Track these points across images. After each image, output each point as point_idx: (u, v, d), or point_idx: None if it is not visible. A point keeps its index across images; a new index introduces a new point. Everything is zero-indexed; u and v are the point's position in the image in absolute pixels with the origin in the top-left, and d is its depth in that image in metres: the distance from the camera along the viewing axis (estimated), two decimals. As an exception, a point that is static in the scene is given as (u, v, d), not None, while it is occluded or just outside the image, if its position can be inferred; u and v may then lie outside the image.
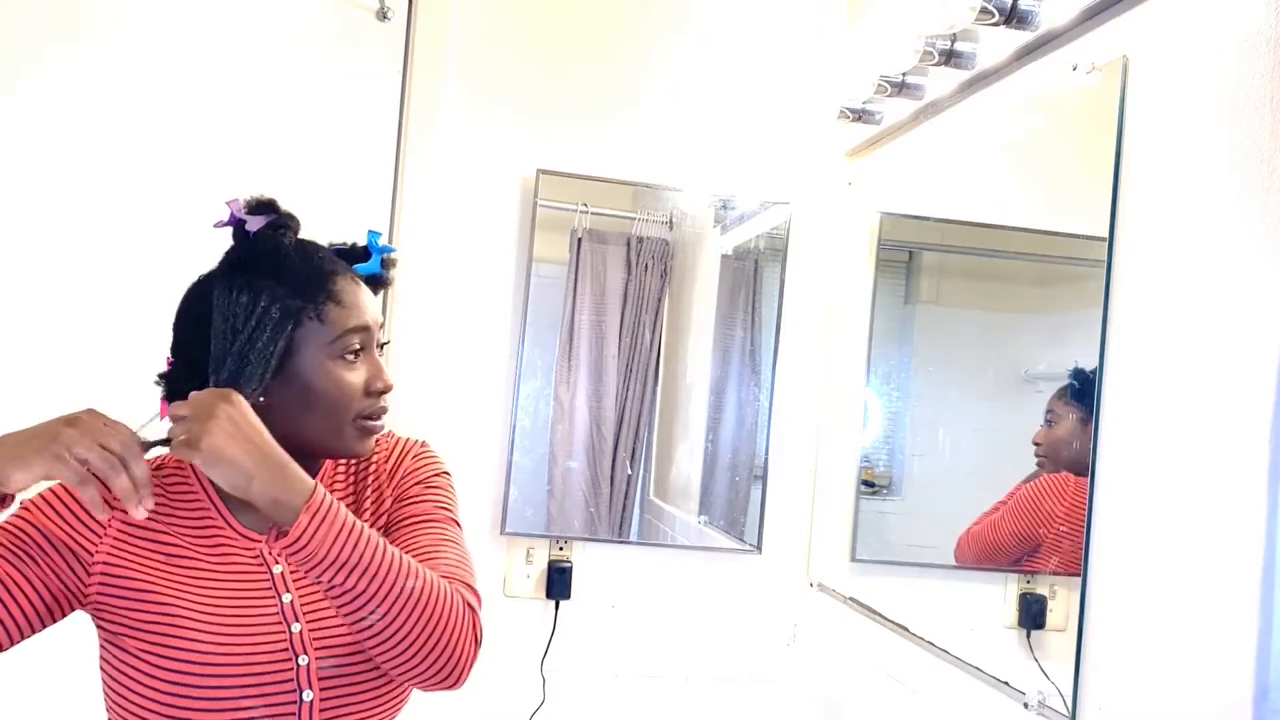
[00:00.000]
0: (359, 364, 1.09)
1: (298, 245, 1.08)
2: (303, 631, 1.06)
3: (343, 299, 1.07)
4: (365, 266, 1.14)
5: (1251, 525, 1.10)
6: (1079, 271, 1.54)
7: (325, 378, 1.06)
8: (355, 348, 1.08)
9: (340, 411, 1.08)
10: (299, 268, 1.06)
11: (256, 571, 1.08)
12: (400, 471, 1.19)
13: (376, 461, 1.19)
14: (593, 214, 2.27)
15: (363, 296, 1.10)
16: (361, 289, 1.11)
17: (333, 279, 1.08)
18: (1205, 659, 1.17)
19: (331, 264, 1.09)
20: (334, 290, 1.07)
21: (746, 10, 2.30)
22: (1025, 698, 1.48)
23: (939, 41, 1.78)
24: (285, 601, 1.07)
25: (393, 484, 1.18)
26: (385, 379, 1.10)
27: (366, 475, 1.19)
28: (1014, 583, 1.61)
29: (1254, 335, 1.14)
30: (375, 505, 1.17)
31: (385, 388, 1.10)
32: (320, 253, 1.10)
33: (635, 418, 2.29)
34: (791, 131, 2.31)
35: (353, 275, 1.11)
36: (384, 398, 1.11)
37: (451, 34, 2.18)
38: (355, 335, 1.08)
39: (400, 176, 2.14)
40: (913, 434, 2.06)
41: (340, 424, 1.08)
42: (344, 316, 1.07)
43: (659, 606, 2.26)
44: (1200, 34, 1.27)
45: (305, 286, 1.05)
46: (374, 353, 1.11)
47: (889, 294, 2.13)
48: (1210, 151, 1.24)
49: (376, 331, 1.11)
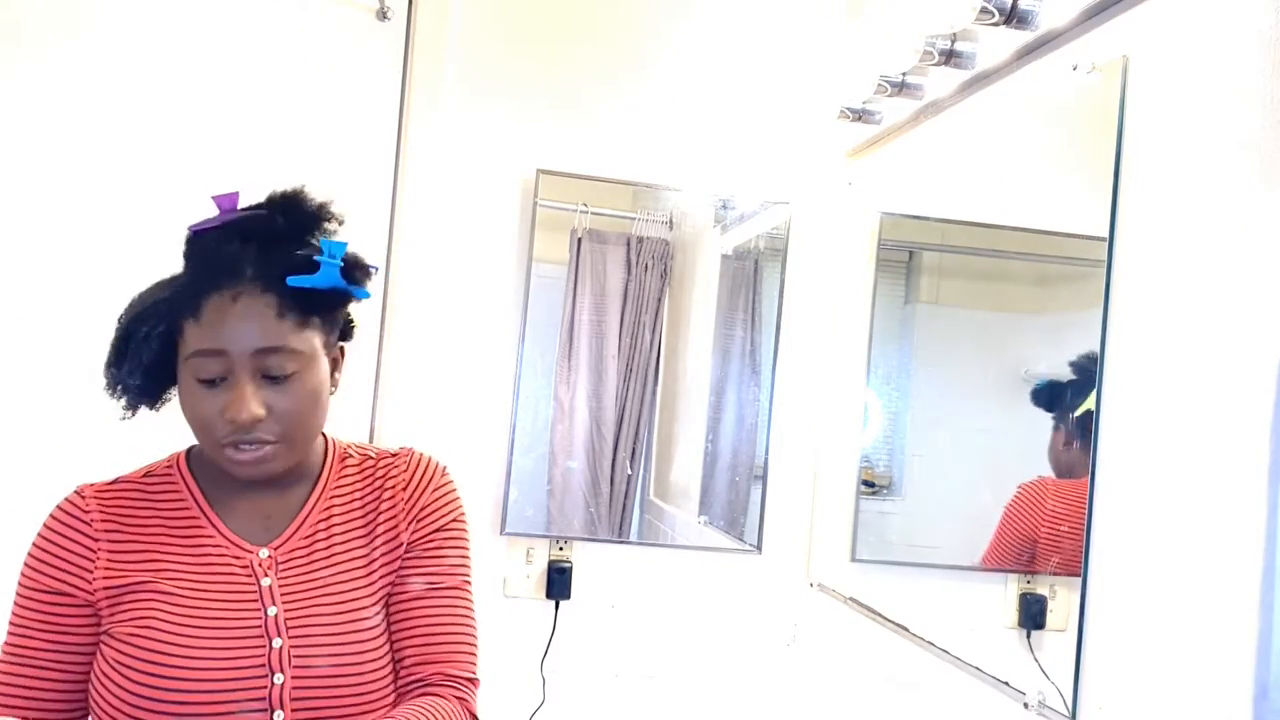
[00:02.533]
0: (221, 389, 1.00)
1: (210, 247, 1.01)
2: (284, 648, 1.02)
3: (203, 318, 0.99)
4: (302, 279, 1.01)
5: (1251, 525, 1.10)
6: (1079, 271, 1.54)
7: (185, 394, 1.03)
8: (207, 374, 1.00)
9: (202, 433, 1.03)
10: (186, 275, 1.02)
11: (244, 583, 1.05)
12: (421, 502, 1.14)
13: (397, 474, 1.15)
14: (593, 214, 2.27)
15: (235, 320, 0.99)
16: (239, 312, 0.99)
17: (206, 293, 0.99)
18: (1205, 659, 1.17)
19: (221, 276, 0.99)
20: (200, 306, 0.99)
21: (746, 10, 2.30)
22: (1025, 698, 1.48)
23: (939, 41, 1.78)
24: (270, 615, 1.04)
25: (411, 512, 1.13)
26: (238, 412, 0.99)
27: (384, 483, 1.15)
28: (1014, 583, 1.61)
29: (1254, 335, 1.14)
30: (390, 522, 1.13)
31: (235, 420, 0.99)
32: (220, 263, 1.00)
33: (635, 418, 2.29)
34: (791, 131, 2.31)
35: (244, 293, 0.99)
36: (256, 430, 1.01)
37: (451, 34, 2.18)
38: (204, 359, 0.99)
39: (400, 177, 2.14)
40: (913, 434, 2.06)
41: (208, 446, 1.04)
42: (196, 336, 0.99)
43: (659, 606, 2.26)
44: (1200, 34, 1.27)
45: (179, 295, 1.01)
46: (240, 382, 0.99)
47: (889, 294, 2.13)
48: (1210, 151, 1.24)
49: (250, 361, 0.99)
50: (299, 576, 1.07)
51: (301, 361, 1.02)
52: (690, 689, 2.26)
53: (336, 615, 1.06)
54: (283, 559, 1.08)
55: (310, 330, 1.04)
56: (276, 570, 1.07)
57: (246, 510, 1.09)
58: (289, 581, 1.07)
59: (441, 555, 1.13)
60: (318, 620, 1.05)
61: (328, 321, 1.07)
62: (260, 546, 1.08)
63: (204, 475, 1.10)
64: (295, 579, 1.07)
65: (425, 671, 1.09)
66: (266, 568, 1.07)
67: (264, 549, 1.08)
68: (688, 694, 2.26)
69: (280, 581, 1.06)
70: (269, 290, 1.00)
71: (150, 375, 1.02)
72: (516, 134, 2.21)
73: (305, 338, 1.03)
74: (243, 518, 1.09)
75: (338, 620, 1.06)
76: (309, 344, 1.03)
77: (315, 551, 1.09)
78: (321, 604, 1.06)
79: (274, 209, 1.04)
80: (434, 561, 1.13)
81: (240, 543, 1.08)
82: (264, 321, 1.00)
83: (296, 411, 1.03)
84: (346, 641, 1.05)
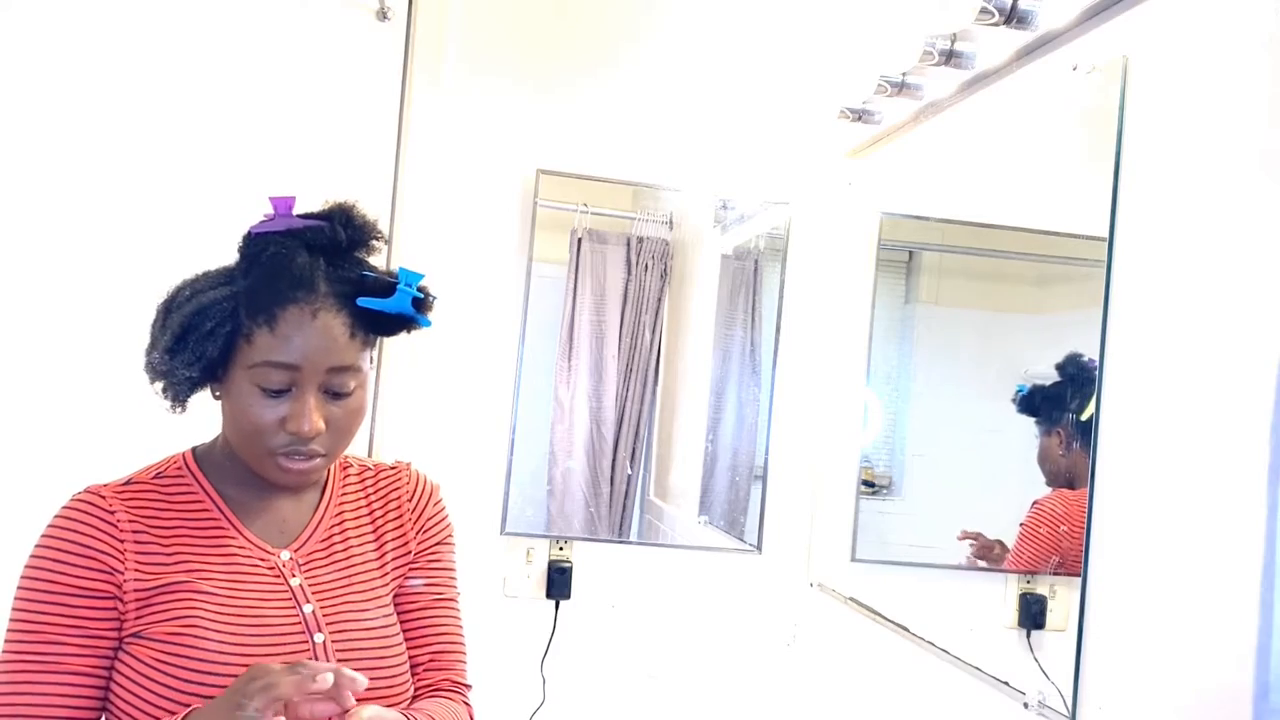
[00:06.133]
0: (283, 400, 1.01)
1: (279, 255, 1.01)
2: (325, 643, 1.05)
3: (279, 329, 0.99)
4: (374, 302, 1.04)
5: (1251, 525, 1.10)
6: (1079, 271, 1.54)
7: (241, 399, 1.02)
8: (273, 385, 1.01)
9: (252, 438, 1.03)
10: (260, 278, 1.01)
11: (275, 582, 1.07)
12: (426, 513, 1.19)
13: (402, 486, 1.19)
14: (593, 214, 2.27)
15: (314, 336, 1.00)
16: (318, 329, 1.01)
17: (283, 304, 1.00)
18: (1205, 659, 1.17)
19: (298, 289, 1.00)
20: (276, 315, 0.99)
21: (746, 10, 2.30)
22: (1025, 698, 1.48)
23: (939, 41, 1.78)
24: (307, 612, 1.06)
25: (417, 523, 1.18)
26: (302, 424, 1.01)
27: (389, 493, 1.19)
28: (1014, 583, 1.61)
29: (1254, 335, 1.14)
30: (398, 531, 1.17)
31: (298, 432, 1.01)
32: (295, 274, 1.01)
33: (635, 418, 2.29)
34: (791, 131, 2.31)
35: (322, 309, 1.01)
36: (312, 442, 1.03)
37: (451, 34, 2.18)
38: (274, 370, 1.00)
39: (400, 177, 2.14)
40: (913, 434, 2.06)
41: (255, 451, 1.04)
42: (269, 346, 1.00)
43: (659, 606, 2.26)
44: (1200, 34, 1.27)
45: (253, 299, 1.00)
46: (305, 396, 1.01)
47: (889, 294, 2.13)
48: (1210, 151, 1.24)
49: (319, 376, 1.02)
50: (323, 577, 1.10)
51: (360, 379, 1.06)
52: (690, 689, 2.26)
53: (365, 612, 1.10)
54: (303, 560, 1.10)
55: (369, 349, 1.08)
56: (300, 571, 1.09)
57: (264, 514, 1.11)
58: (314, 582, 1.09)
59: (445, 567, 1.20)
60: (350, 616, 1.09)
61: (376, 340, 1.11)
62: (280, 549, 1.10)
63: (218, 478, 1.10)
64: (320, 579, 1.10)
65: (435, 677, 1.15)
66: (291, 569, 1.09)
67: (285, 551, 1.10)
68: (688, 694, 2.26)
69: (308, 581, 1.09)
70: (343, 309, 1.03)
71: (208, 370, 1.03)
72: (516, 134, 2.21)
73: (365, 356, 1.07)
74: (260, 521, 1.10)
75: (367, 616, 1.10)
76: (366, 362, 1.07)
77: (333, 554, 1.12)
78: (350, 602, 1.10)
79: (334, 221, 1.05)
80: (438, 572, 1.19)
81: (262, 545, 1.09)
82: (339, 340, 1.02)
83: (349, 428, 1.07)
84: (378, 636, 1.09)
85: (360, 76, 2.13)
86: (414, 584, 1.17)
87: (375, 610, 1.11)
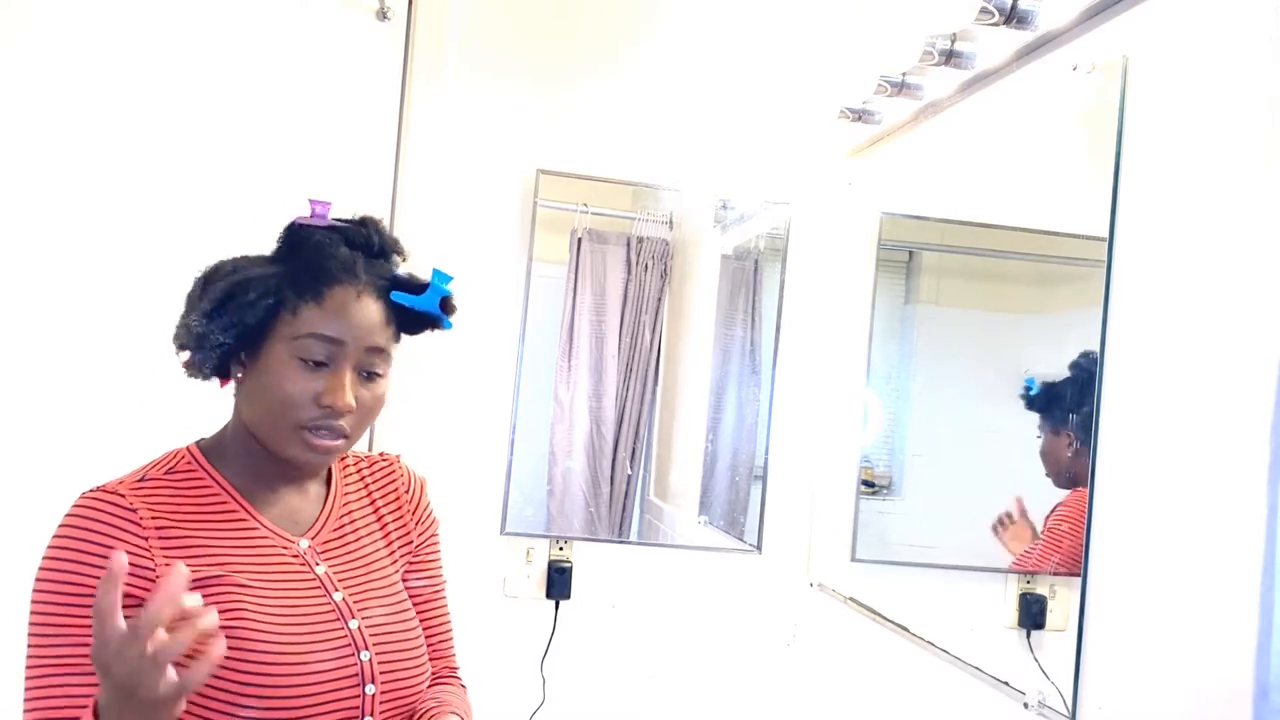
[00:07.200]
0: (320, 374, 1.05)
1: (325, 244, 1.07)
2: (360, 628, 1.07)
3: (326, 304, 1.05)
4: (406, 297, 1.10)
5: (1251, 525, 1.10)
6: (1079, 271, 1.54)
7: (277, 370, 1.04)
8: (316, 356, 1.04)
9: (284, 411, 1.05)
10: (307, 260, 1.06)
11: (302, 570, 1.08)
12: (421, 507, 1.24)
13: (397, 478, 1.23)
14: (593, 214, 2.27)
15: (357, 314, 1.06)
16: (361, 309, 1.06)
17: (331, 283, 1.05)
18: (1205, 659, 1.17)
19: (344, 273, 1.06)
20: (323, 293, 1.05)
21: (747, 10, 2.30)
22: (1025, 698, 1.48)
23: (939, 41, 1.78)
24: (338, 600, 1.08)
25: (415, 514, 1.23)
26: (339, 398, 1.04)
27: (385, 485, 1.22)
28: (1014, 583, 1.61)
29: (1254, 335, 1.14)
30: (399, 521, 1.21)
31: (334, 405, 1.05)
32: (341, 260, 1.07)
33: (635, 418, 2.29)
34: (791, 131, 2.31)
35: (364, 293, 1.07)
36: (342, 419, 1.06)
37: (451, 34, 2.18)
38: (318, 342, 1.04)
39: (400, 177, 2.15)
40: (913, 434, 2.06)
41: (283, 426, 1.06)
42: (315, 319, 1.04)
43: (659, 606, 2.26)
44: (1200, 34, 1.27)
45: (300, 277, 1.05)
46: (343, 371, 1.06)
47: (889, 294, 2.13)
48: (1210, 151, 1.24)
49: (358, 354, 1.06)
50: (342, 564, 1.12)
51: (387, 367, 1.11)
52: (690, 689, 2.26)
53: (387, 598, 1.14)
54: (320, 548, 1.12)
55: (396, 342, 1.13)
56: (321, 559, 1.11)
57: (276, 504, 1.12)
58: (336, 569, 1.11)
59: (437, 558, 1.25)
60: (376, 602, 1.12)
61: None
62: (298, 538, 1.11)
63: (229, 469, 1.10)
64: (339, 568, 1.12)
65: (435, 665, 1.20)
66: (313, 558, 1.10)
67: (303, 539, 1.11)
68: (688, 694, 2.26)
69: (331, 569, 1.11)
70: (380, 298, 1.09)
71: (243, 339, 1.05)
72: (516, 133, 2.21)
73: (393, 348, 1.12)
74: (274, 511, 1.11)
75: (389, 602, 1.14)
76: (392, 354, 1.13)
77: (347, 542, 1.15)
78: (373, 587, 1.13)
79: (370, 227, 1.12)
80: (434, 563, 1.24)
81: (282, 534, 1.10)
82: (378, 322, 1.08)
83: (372, 411, 1.10)
84: (402, 621, 1.13)
85: (360, 76, 2.13)
86: (416, 584, 1.21)
87: (396, 596, 1.15)
